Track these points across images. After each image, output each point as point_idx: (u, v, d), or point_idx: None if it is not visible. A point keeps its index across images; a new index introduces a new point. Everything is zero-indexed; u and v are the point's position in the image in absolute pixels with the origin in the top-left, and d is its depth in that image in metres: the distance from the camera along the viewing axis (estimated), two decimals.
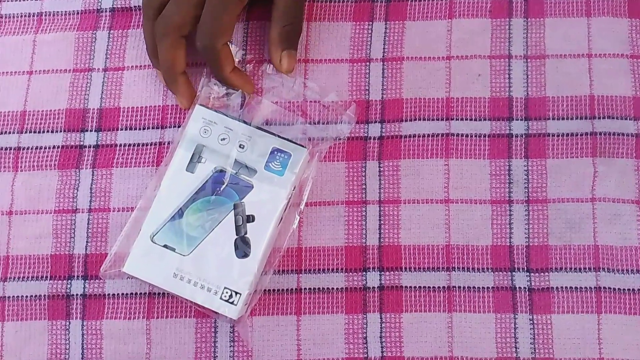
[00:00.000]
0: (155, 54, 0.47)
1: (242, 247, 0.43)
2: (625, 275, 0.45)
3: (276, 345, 0.45)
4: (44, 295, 0.46)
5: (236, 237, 0.43)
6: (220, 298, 0.42)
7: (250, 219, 0.43)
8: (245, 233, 0.43)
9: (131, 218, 0.45)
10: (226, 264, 0.43)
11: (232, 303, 0.42)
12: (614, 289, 0.45)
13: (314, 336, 0.45)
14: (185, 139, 0.45)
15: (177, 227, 0.43)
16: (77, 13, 0.51)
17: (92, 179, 0.48)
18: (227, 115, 0.45)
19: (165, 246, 0.43)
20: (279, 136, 0.45)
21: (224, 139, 0.44)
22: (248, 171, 0.44)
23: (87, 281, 0.46)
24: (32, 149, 0.49)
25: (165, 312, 0.46)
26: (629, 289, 0.45)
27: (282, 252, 0.45)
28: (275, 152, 0.44)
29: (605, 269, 0.45)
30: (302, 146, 0.45)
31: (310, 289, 0.46)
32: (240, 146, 0.44)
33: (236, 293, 0.42)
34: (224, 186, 0.44)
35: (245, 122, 0.45)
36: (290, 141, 0.45)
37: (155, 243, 0.43)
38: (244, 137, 0.45)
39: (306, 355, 0.45)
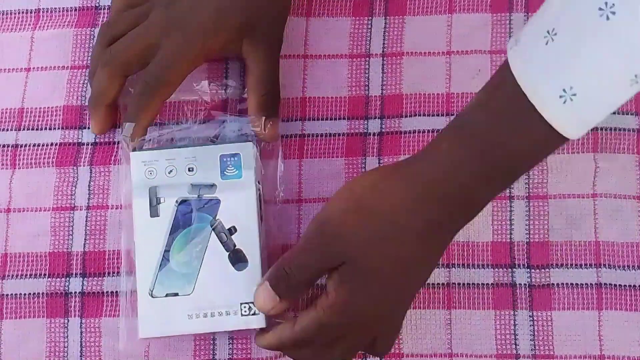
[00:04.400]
0: (93, 72, 0.46)
1: (238, 259, 0.43)
2: (626, 271, 0.45)
3: None
4: (42, 293, 0.46)
5: (228, 253, 0.43)
6: (242, 315, 0.42)
7: (232, 231, 0.43)
8: (235, 246, 0.43)
9: (121, 295, 0.44)
10: (231, 282, 0.42)
11: (255, 314, 0.42)
12: (615, 285, 0.44)
13: None
14: (136, 188, 0.44)
15: (169, 272, 0.43)
16: (75, 10, 0.51)
17: (90, 176, 0.48)
18: (163, 149, 0.44)
19: (167, 295, 0.43)
20: (220, 142, 0.45)
21: (170, 171, 0.44)
22: (208, 189, 0.44)
23: (85, 279, 0.46)
24: (29, 146, 0.48)
25: None
26: (629, 285, 0.44)
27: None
28: (225, 159, 0.44)
29: (606, 265, 0.45)
30: (247, 141, 0.44)
31: None
32: (189, 170, 0.44)
33: (253, 303, 0.42)
34: (193, 214, 0.43)
35: (182, 146, 0.44)
36: (232, 142, 0.44)
37: (156, 297, 0.43)
38: (188, 159, 0.44)
39: None
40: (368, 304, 0.37)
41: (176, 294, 0.43)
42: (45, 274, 0.46)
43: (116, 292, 0.46)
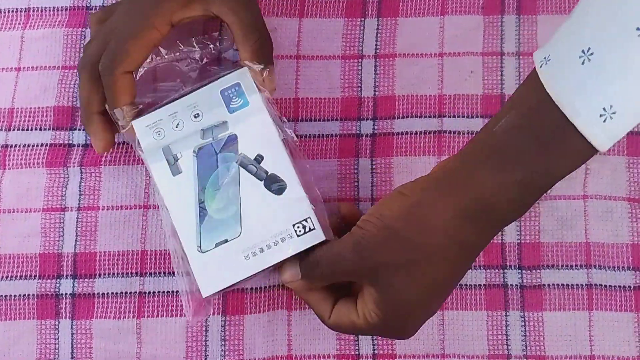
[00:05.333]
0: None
1: (275, 184, 0.41)
2: (616, 272, 0.45)
3: (268, 341, 0.45)
4: (33, 295, 0.46)
5: (262, 181, 0.41)
6: (298, 236, 0.40)
7: (259, 159, 0.42)
8: (267, 172, 0.41)
9: (174, 262, 0.42)
10: (276, 208, 0.41)
11: (311, 230, 0.40)
12: (605, 285, 0.45)
13: (305, 331, 0.45)
14: (149, 154, 0.43)
15: (211, 222, 0.41)
16: (66, 9, 0.51)
17: (81, 177, 0.47)
18: (162, 106, 0.43)
19: (216, 245, 0.41)
20: (214, 79, 0.43)
21: (177, 124, 0.43)
22: (220, 128, 0.42)
23: (76, 280, 0.46)
24: (20, 146, 0.48)
25: (155, 311, 0.45)
26: (619, 286, 0.45)
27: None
28: (226, 93, 0.43)
29: (597, 266, 0.45)
30: (238, 67, 0.43)
31: None
32: (195, 116, 0.43)
33: (306, 220, 0.40)
34: (214, 158, 0.42)
35: (178, 97, 0.43)
36: (226, 73, 0.43)
37: (206, 251, 0.41)
38: (191, 108, 0.43)
39: (297, 350, 0.45)
40: (397, 324, 0.39)
41: (225, 241, 0.41)
42: (35, 275, 0.46)
43: (108, 293, 0.45)
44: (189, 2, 0.43)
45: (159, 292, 0.46)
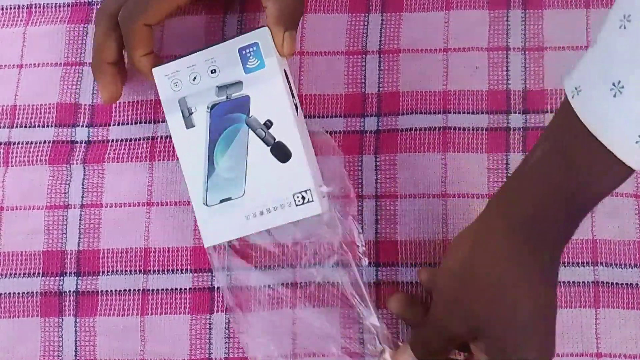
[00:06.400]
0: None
1: (281, 152, 0.42)
2: (623, 269, 0.45)
3: (271, 339, 0.45)
4: (37, 292, 0.46)
5: (269, 147, 0.43)
6: (296, 205, 0.42)
7: (268, 124, 0.42)
8: (275, 139, 0.42)
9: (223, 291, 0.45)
10: (279, 176, 0.42)
11: (309, 202, 0.42)
12: (612, 283, 0.45)
13: (308, 330, 0.45)
14: (166, 104, 0.44)
15: (217, 179, 0.43)
16: (68, 5, 0.51)
17: (84, 174, 0.47)
18: (181, 57, 0.44)
19: (221, 202, 0.43)
20: (235, 36, 0.44)
21: (194, 78, 0.43)
22: (235, 87, 0.43)
23: (79, 278, 0.46)
24: (22, 143, 0.48)
25: (159, 308, 0.45)
26: (626, 284, 0.44)
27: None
28: (244, 51, 0.43)
29: (603, 264, 0.45)
30: (260, 27, 0.43)
31: (307, 283, 0.45)
32: (212, 72, 0.43)
33: (305, 191, 0.42)
34: (227, 117, 0.43)
35: (198, 50, 0.44)
36: (247, 32, 0.43)
37: (211, 205, 0.43)
38: (208, 62, 0.43)
39: (301, 348, 0.45)
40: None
41: (229, 199, 0.43)
42: (39, 273, 0.46)
43: (112, 291, 0.46)
44: None
45: (162, 289, 0.46)
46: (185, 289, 0.46)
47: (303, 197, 0.42)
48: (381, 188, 0.46)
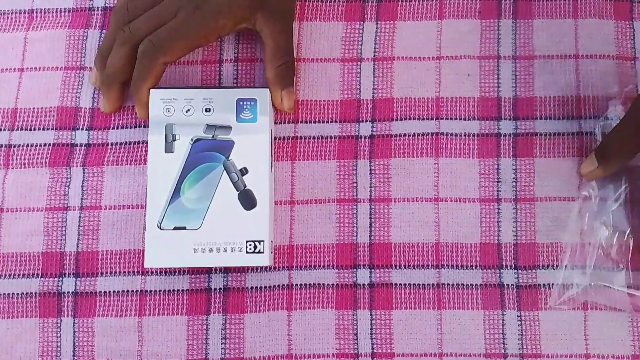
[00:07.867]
0: (105, 55, 0.47)
1: (247, 199, 0.44)
2: (611, 272, 0.45)
3: (268, 340, 0.45)
4: (35, 293, 0.46)
5: (238, 192, 0.44)
6: (247, 252, 0.43)
7: (244, 171, 0.44)
8: (245, 186, 0.44)
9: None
10: (239, 220, 0.44)
11: (259, 252, 0.43)
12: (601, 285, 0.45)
13: (304, 331, 0.45)
14: (153, 124, 0.45)
15: (179, 206, 0.44)
16: (68, 11, 0.51)
17: (84, 177, 0.48)
18: (182, 88, 0.45)
19: (175, 228, 0.44)
20: (238, 87, 0.45)
21: (188, 110, 0.45)
22: (223, 130, 0.44)
23: (78, 279, 0.46)
24: (23, 146, 0.48)
25: (157, 309, 0.46)
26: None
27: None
28: (241, 103, 0.45)
29: (592, 267, 0.45)
30: (264, 87, 0.46)
31: (301, 285, 0.46)
32: (206, 110, 0.45)
33: (259, 242, 0.43)
34: (206, 153, 0.44)
35: (201, 87, 0.45)
36: (251, 87, 0.45)
37: (164, 229, 0.44)
38: (206, 101, 0.45)
39: (297, 349, 0.45)
40: None
41: (184, 228, 0.44)
42: (38, 274, 0.46)
43: (110, 292, 0.46)
44: (241, 20, 0.47)
45: (160, 290, 0.46)
46: (182, 290, 0.46)
47: (255, 247, 0.43)
48: (375, 192, 0.47)
